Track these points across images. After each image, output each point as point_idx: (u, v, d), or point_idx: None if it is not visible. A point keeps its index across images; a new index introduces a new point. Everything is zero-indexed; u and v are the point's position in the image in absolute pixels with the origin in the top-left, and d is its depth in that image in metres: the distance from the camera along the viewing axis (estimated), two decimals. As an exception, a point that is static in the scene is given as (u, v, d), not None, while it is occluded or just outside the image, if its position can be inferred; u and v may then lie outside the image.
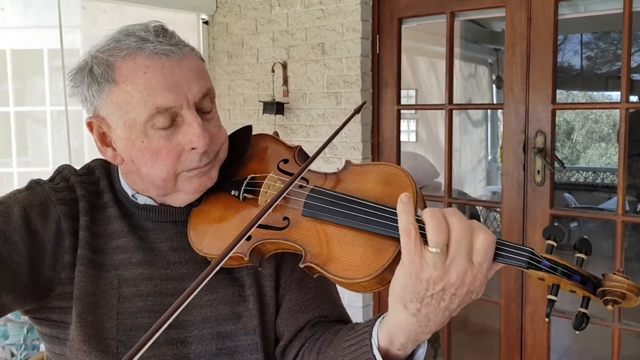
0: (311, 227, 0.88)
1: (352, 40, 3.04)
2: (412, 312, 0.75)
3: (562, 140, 9.87)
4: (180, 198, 0.98)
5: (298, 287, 1.02)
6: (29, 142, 5.21)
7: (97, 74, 0.90)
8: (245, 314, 0.98)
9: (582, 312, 0.72)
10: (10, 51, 4.97)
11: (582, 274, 0.73)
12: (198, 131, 0.90)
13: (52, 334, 0.94)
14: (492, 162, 7.56)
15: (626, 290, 0.71)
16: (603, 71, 7.15)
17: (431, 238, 0.70)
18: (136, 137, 0.91)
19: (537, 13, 2.56)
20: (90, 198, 0.99)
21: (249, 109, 3.55)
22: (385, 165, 0.91)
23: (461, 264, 0.71)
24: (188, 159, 0.92)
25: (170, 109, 0.89)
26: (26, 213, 0.91)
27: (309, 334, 0.99)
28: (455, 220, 0.72)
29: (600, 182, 7.63)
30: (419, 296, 0.73)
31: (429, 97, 5.94)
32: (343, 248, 0.83)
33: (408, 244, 0.71)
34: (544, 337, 2.67)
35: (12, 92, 4.98)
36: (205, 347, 0.96)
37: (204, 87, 0.93)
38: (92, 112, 0.94)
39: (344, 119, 3.08)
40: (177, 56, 0.90)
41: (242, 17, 3.52)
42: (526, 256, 0.73)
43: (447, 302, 0.73)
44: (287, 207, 0.92)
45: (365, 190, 0.88)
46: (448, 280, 0.71)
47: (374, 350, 0.81)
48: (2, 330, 2.76)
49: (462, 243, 0.71)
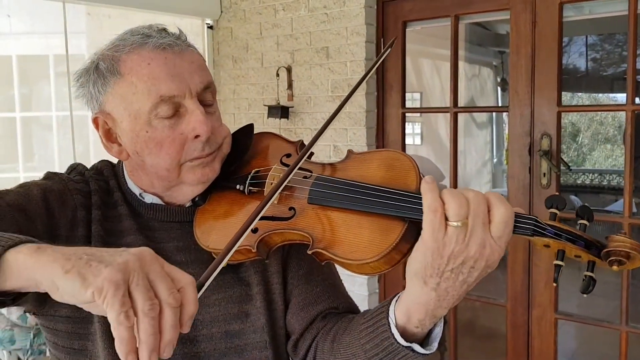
0: (317, 213, 0.89)
1: (356, 44, 3.04)
2: (431, 287, 0.76)
3: (567, 143, 9.84)
4: (184, 190, 1.00)
5: (306, 281, 1.03)
6: (35, 147, 5.23)
7: (103, 69, 0.93)
8: (253, 312, 0.99)
9: (588, 275, 0.74)
10: (17, 57, 5.00)
11: (586, 238, 0.75)
12: (201, 118, 0.92)
13: (68, 329, 0.95)
14: (498, 165, 7.54)
15: (630, 249, 0.72)
16: (608, 73, 7.13)
17: (453, 212, 0.71)
18: (140, 128, 0.93)
19: (541, 15, 2.56)
20: (102, 194, 1.01)
21: (253, 113, 3.56)
22: (386, 151, 0.92)
23: (480, 237, 0.72)
24: (191, 148, 0.94)
25: (174, 98, 0.91)
26: (45, 196, 0.93)
27: (321, 325, 0.99)
28: (472, 193, 0.74)
29: (606, 184, 7.59)
30: (439, 271, 0.74)
31: (433, 100, 5.94)
32: (350, 231, 0.84)
33: (433, 221, 0.72)
34: (551, 340, 2.66)
35: (18, 98, 5.01)
36: (215, 346, 0.97)
37: (205, 79, 0.96)
38: (97, 108, 0.96)
39: (348, 123, 3.09)
40: (180, 48, 0.94)
41: (246, 21, 3.53)
42: (531, 224, 0.74)
43: (465, 275, 0.75)
44: (293, 197, 0.93)
45: (369, 176, 0.89)
46: (468, 253, 0.73)
47: (392, 328, 0.81)
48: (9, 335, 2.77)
49: (479, 215, 0.72)
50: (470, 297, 3.21)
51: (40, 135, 5.22)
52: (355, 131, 3.08)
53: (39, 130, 5.25)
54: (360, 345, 0.86)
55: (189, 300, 0.61)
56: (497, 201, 0.73)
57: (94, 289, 0.57)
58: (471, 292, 0.78)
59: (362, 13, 3.00)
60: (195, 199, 1.02)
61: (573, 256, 0.76)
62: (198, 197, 1.02)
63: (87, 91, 0.97)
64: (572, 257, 0.76)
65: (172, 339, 0.59)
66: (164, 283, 0.60)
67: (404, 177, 0.86)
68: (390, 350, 0.82)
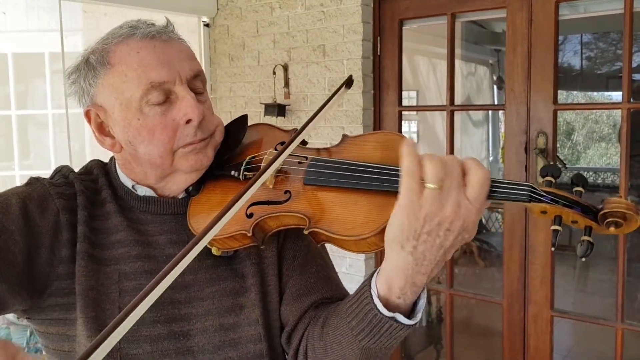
0: (314, 194, 0.89)
1: (353, 42, 3.04)
2: (408, 250, 0.76)
3: (562, 141, 9.87)
4: (178, 179, 1.00)
5: (300, 271, 1.03)
6: (31, 145, 5.22)
7: (93, 61, 0.94)
8: (248, 304, 0.99)
9: (586, 239, 0.75)
10: (12, 54, 4.98)
11: (582, 203, 0.76)
12: (192, 102, 0.94)
13: (59, 332, 0.94)
14: (494, 163, 7.56)
15: (626, 210, 0.72)
16: (603, 71, 7.15)
17: (430, 173, 0.73)
18: (132, 116, 0.94)
19: (537, 14, 2.57)
20: (88, 194, 1.00)
21: (250, 111, 3.55)
22: (381, 132, 0.94)
23: (455, 197, 0.73)
24: (184, 134, 0.95)
25: (164, 84, 0.93)
26: (24, 205, 0.92)
27: (313, 314, 0.99)
28: (449, 157, 0.75)
29: (601, 182, 7.62)
30: (415, 234, 0.75)
31: (430, 99, 5.94)
32: (347, 209, 0.85)
33: (410, 184, 0.74)
34: (547, 338, 2.67)
35: (14, 96, 4.99)
36: (209, 340, 0.96)
37: (195, 67, 0.98)
38: (89, 102, 0.97)
39: (345, 121, 3.09)
40: (167, 36, 0.96)
41: (242, 19, 3.53)
42: (526, 189, 0.76)
43: (442, 238, 0.75)
44: (288, 180, 0.93)
45: (364, 156, 0.90)
46: (444, 214, 0.73)
47: (375, 299, 0.81)
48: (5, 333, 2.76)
49: (455, 177, 0.74)
50: (467, 294, 3.22)
51: (36, 133, 5.20)
52: (352, 129, 3.08)
53: (34, 128, 5.23)
54: (347, 323, 0.86)
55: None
56: (473, 164, 0.75)
57: None
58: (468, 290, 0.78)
59: (358, 11, 3.00)
60: (188, 189, 1.02)
61: (570, 222, 0.77)
62: (192, 187, 1.01)
63: (78, 87, 0.97)
64: (569, 223, 0.77)
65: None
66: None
67: (399, 155, 0.87)
68: (375, 323, 0.81)
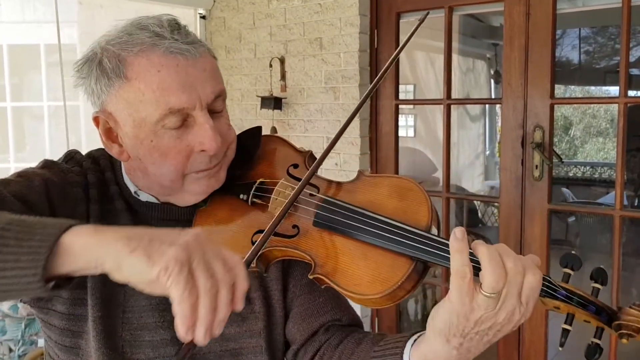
0: (322, 238, 0.86)
1: (350, 35, 3.03)
2: (454, 345, 0.74)
3: (559, 135, 9.88)
4: (185, 198, 0.96)
5: (309, 291, 1.01)
6: (26, 137, 5.20)
7: (108, 68, 0.87)
8: (250, 316, 0.97)
9: (595, 342, 0.73)
10: (7, 46, 4.96)
11: (597, 304, 0.73)
12: (210, 134, 0.88)
13: (64, 326, 0.93)
14: (490, 157, 7.56)
15: None
16: (601, 66, 7.14)
17: (489, 284, 0.68)
18: (145, 136, 0.88)
19: (535, 7, 2.56)
20: (99, 187, 0.97)
21: (246, 104, 3.54)
22: (398, 178, 0.89)
23: (511, 305, 0.70)
24: (197, 160, 0.91)
25: (183, 110, 0.87)
26: (47, 188, 0.88)
27: (324, 338, 0.98)
28: (511, 263, 0.70)
29: (598, 177, 7.63)
30: (464, 332, 0.72)
31: (427, 92, 5.93)
32: (354, 262, 0.81)
33: (461, 286, 0.69)
34: (542, 332, 2.67)
35: (9, 88, 4.97)
36: (210, 348, 0.95)
37: (217, 88, 0.91)
38: (99, 105, 0.91)
39: (342, 115, 3.08)
40: (193, 56, 0.87)
41: (239, 11, 3.51)
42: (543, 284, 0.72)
43: (490, 336, 0.73)
44: (297, 215, 0.89)
45: (378, 203, 0.86)
46: (496, 320, 0.71)
47: None
48: (0, 325, 2.76)
49: (515, 286, 0.70)
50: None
51: (32, 126, 5.18)
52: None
53: (30, 120, 5.21)
54: None
55: (241, 278, 0.63)
56: (529, 268, 0.71)
57: (160, 268, 0.59)
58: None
59: (355, 4, 2.99)
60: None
61: (582, 320, 0.74)
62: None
63: (87, 85, 0.91)
64: (580, 321, 0.74)
65: (225, 316, 0.61)
66: (219, 262, 0.62)
67: (416, 210, 0.83)
68: None
